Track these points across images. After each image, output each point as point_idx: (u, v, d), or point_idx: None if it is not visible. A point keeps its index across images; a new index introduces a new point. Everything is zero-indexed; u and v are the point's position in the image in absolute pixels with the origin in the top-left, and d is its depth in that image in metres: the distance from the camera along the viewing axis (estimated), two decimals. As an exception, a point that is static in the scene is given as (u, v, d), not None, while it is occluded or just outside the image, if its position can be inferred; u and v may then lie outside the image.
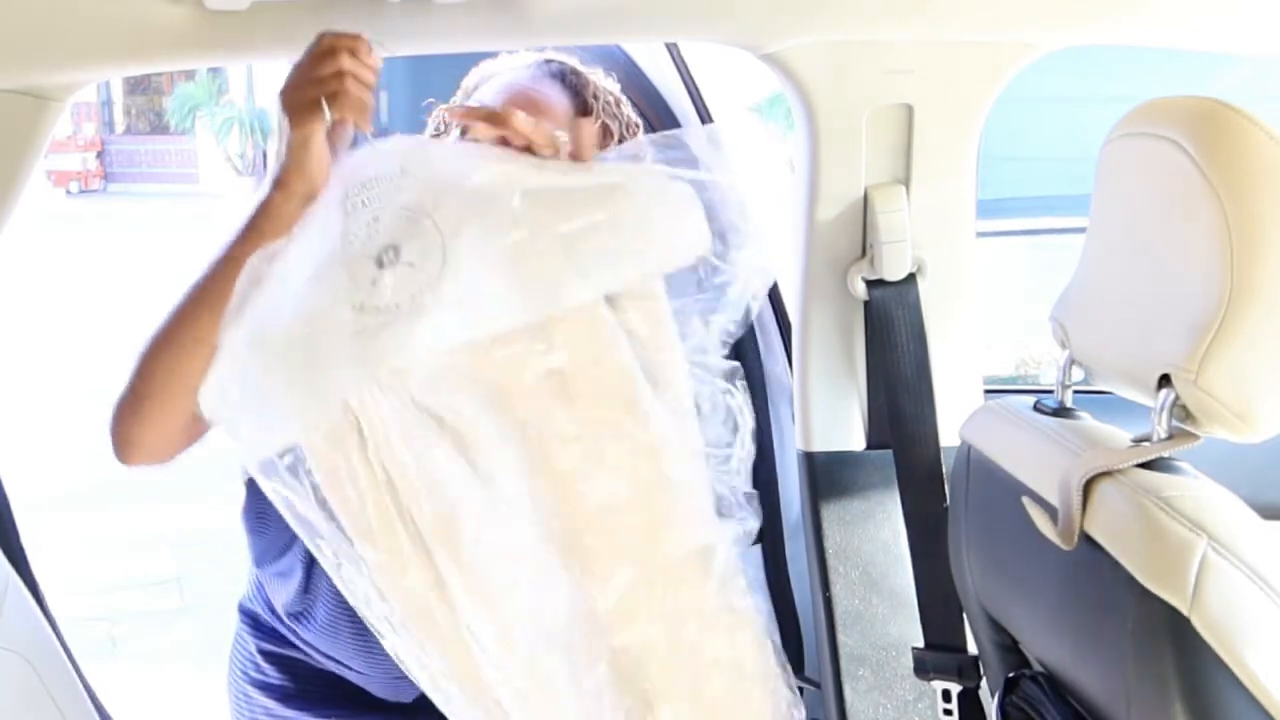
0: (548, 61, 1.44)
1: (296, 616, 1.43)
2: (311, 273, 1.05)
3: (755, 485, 2.02)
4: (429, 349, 1.03)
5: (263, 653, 1.47)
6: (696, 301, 1.12)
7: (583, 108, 1.41)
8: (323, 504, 1.05)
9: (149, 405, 1.11)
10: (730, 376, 1.15)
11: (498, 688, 1.07)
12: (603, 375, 1.07)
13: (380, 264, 1.04)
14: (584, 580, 1.08)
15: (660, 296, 1.10)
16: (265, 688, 1.47)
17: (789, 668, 1.15)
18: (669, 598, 1.09)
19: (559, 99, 1.40)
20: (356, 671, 1.43)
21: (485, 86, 1.42)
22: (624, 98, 1.48)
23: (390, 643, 1.07)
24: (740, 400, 1.15)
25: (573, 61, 1.45)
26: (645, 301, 1.09)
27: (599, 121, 1.41)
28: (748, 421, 1.15)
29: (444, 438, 1.04)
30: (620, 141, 1.44)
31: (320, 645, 1.43)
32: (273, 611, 1.46)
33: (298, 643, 1.45)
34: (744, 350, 1.87)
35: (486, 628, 1.06)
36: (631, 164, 1.11)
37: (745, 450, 1.16)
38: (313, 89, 1.06)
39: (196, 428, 1.12)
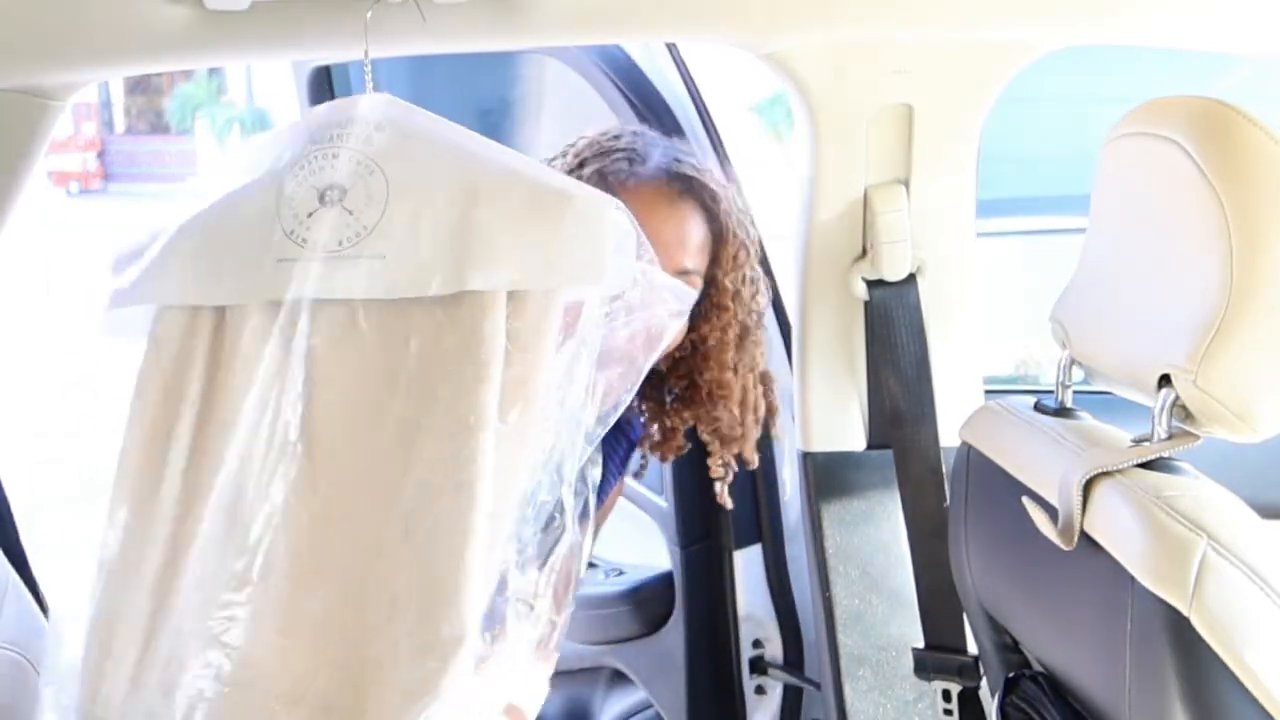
0: (674, 174, 1.33)
1: None
2: (259, 186, 1.07)
3: (755, 485, 2.03)
4: (325, 295, 1.02)
5: None
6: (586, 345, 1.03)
7: (720, 233, 1.36)
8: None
9: None
10: (582, 476, 1.04)
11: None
12: (463, 366, 1.00)
13: (322, 200, 1.04)
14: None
15: (551, 316, 1.02)
16: None
17: None
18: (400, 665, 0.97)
19: (701, 232, 1.34)
20: None
21: (618, 189, 1.31)
22: (737, 193, 1.40)
23: None
24: (570, 506, 1.03)
25: (698, 170, 1.35)
26: (538, 314, 1.02)
27: (737, 241, 1.36)
28: (570, 539, 1.03)
29: (292, 377, 1.02)
30: (749, 252, 1.39)
31: None
32: None
33: None
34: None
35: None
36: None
37: (554, 572, 1.03)
38: None
39: None
